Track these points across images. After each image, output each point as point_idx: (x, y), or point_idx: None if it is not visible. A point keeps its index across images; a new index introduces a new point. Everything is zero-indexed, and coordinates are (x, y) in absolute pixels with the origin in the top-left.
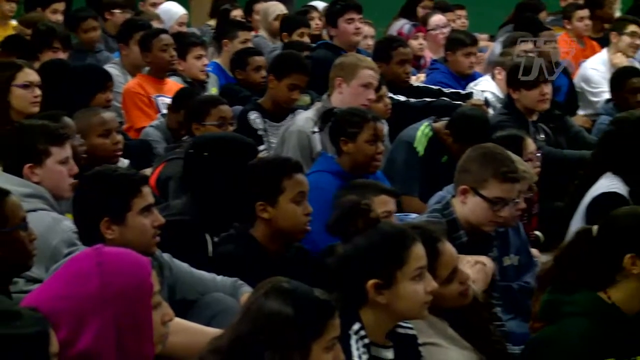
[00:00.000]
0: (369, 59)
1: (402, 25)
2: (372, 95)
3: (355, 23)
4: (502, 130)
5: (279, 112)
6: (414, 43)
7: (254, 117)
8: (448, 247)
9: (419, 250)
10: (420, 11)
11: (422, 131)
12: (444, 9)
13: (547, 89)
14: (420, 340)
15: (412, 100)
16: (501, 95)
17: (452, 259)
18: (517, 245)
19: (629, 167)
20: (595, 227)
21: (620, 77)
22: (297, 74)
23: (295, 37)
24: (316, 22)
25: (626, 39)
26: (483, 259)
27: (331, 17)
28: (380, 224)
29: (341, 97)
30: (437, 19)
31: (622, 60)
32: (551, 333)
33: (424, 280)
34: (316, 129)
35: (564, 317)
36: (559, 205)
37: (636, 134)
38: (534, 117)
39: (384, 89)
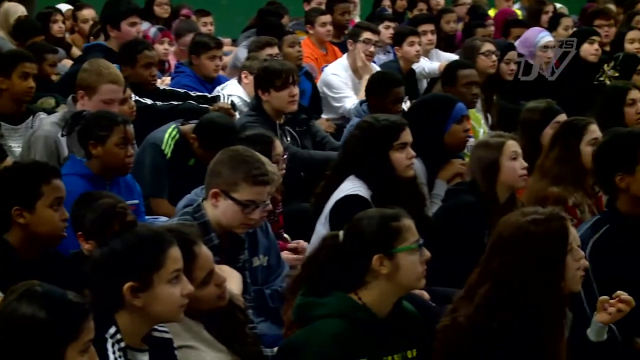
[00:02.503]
0: (114, 68)
1: (147, 28)
2: (115, 108)
3: (137, 27)
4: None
5: (16, 114)
6: (159, 47)
7: None
8: (204, 250)
9: (175, 253)
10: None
11: (169, 134)
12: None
13: (296, 90)
14: (175, 344)
15: (159, 103)
16: (248, 99)
17: (208, 262)
18: (265, 245)
19: (371, 171)
20: (341, 233)
21: (382, 84)
22: (23, 62)
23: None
24: (59, 25)
25: (360, 46)
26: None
27: (112, 18)
28: (136, 227)
29: (83, 107)
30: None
31: (362, 65)
32: (303, 335)
33: (180, 283)
34: (64, 133)
35: (317, 319)
36: (305, 206)
37: (378, 139)
38: (281, 120)
39: (129, 91)
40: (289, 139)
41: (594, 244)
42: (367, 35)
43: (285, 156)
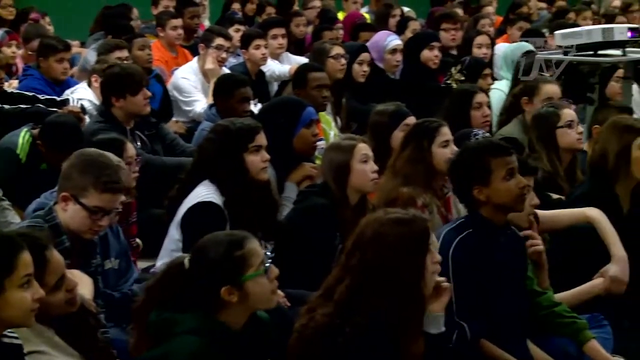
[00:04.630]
0: None
1: None
2: None
3: None
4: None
5: None
6: (7, 50)
7: None
8: (55, 255)
9: (26, 258)
10: None
11: (22, 138)
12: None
13: (148, 92)
14: (26, 349)
15: (7, 107)
16: (98, 102)
17: (59, 267)
18: (117, 249)
19: (225, 175)
20: (186, 260)
21: (227, 86)
22: None
23: None
24: None
25: (212, 52)
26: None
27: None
28: None
29: None
30: None
31: (215, 68)
32: (161, 352)
33: (31, 287)
34: None
35: (174, 336)
36: (158, 212)
37: (234, 141)
38: (131, 125)
39: None
40: (139, 143)
41: (457, 245)
42: (219, 41)
43: (138, 159)
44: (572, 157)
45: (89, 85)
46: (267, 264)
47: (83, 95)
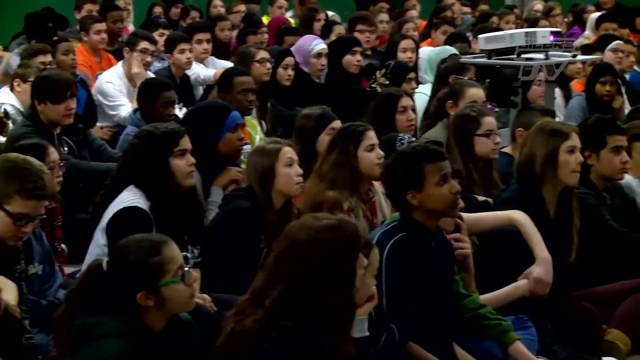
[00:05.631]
0: None
1: None
2: None
3: None
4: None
5: None
6: None
7: None
8: None
9: None
10: None
11: None
12: None
13: (73, 104)
14: None
15: None
16: (21, 108)
17: None
18: (40, 254)
19: (150, 180)
20: (105, 262)
21: (151, 89)
22: None
23: None
24: None
25: (137, 55)
26: None
27: None
28: None
29: None
30: None
31: (140, 72)
32: (84, 356)
33: None
34: None
35: (96, 339)
36: (85, 218)
37: (158, 146)
38: (58, 130)
39: None
40: (66, 148)
41: (391, 248)
42: (144, 45)
43: (62, 164)
44: (485, 162)
45: (12, 89)
46: (186, 269)
47: (5, 100)
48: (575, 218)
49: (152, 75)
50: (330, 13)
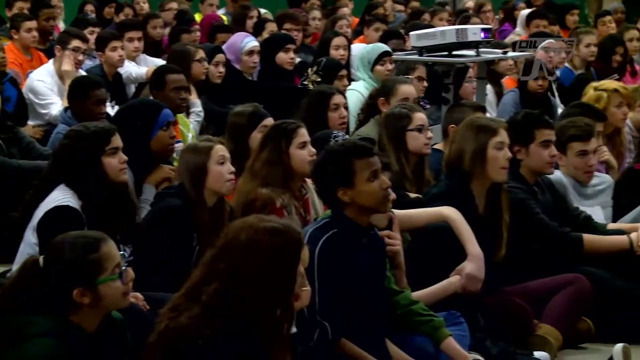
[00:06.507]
0: None
1: None
2: None
3: None
4: None
5: None
6: None
7: None
8: None
9: None
10: None
11: None
12: None
13: None
14: None
15: None
16: None
17: None
18: None
19: (82, 179)
20: (41, 259)
21: (82, 88)
22: None
23: None
24: None
25: (69, 53)
26: None
27: None
28: None
29: None
30: None
31: (71, 70)
32: (15, 355)
33: None
34: None
35: (28, 338)
36: (15, 216)
37: (89, 145)
38: None
39: None
40: None
41: (323, 244)
42: (76, 43)
43: None
44: (418, 159)
45: None
46: (124, 267)
47: None
48: (505, 213)
49: (84, 74)
50: (262, 10)
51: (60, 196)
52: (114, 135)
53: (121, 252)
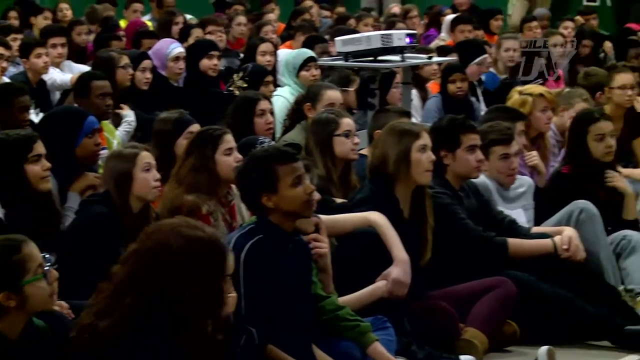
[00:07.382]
0: None
1: None
2: None
3: None
4: None
5: None
6: None
7: None
8: None
9: None
10: None
11: None
12: None
13: None
14: None
15: None
16: None
17: None
18: None
19: (4, 188)
20: None
21: (5, 95)
22: None
23: None
24: None
25: None
26: None
27: None
28: None
29: None
30: None
31: None
32: None
33: None
34: None
35: None
36: None
37: (11, 153)
38: None
39: None
40: None
41: (248, 251)
42: None
43: None
44: (345, 164)
45: None
46: (47, 267)
47: None
48: (429, 217)
49: (8, 80)
50: (188, 16)
51: None
52: (37, 143)
53: (46, 256)
